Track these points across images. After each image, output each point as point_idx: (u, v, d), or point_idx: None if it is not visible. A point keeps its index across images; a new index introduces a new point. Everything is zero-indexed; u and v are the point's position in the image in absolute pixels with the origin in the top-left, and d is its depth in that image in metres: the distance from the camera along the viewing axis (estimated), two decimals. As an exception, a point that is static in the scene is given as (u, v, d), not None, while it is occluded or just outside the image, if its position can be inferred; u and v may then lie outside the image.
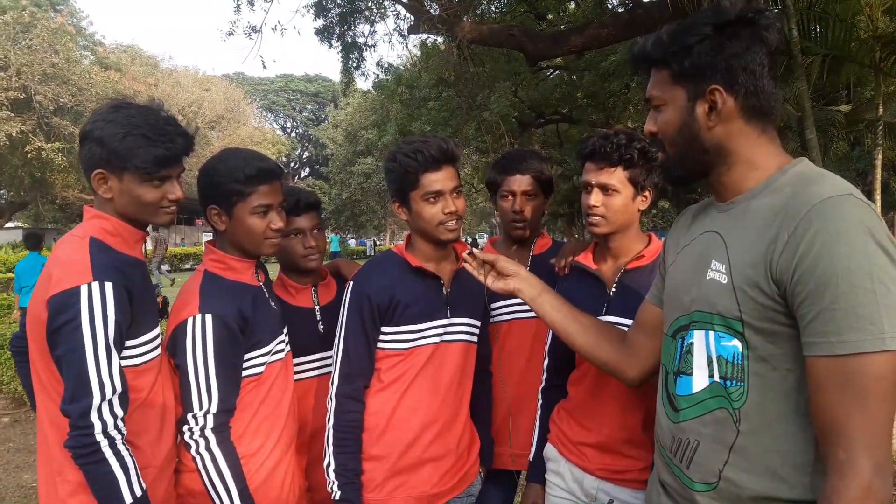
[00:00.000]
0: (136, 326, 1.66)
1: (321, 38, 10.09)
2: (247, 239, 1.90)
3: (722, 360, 1.26)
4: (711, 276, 1.28)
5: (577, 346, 1.70)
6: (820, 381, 1.10)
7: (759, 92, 1.25)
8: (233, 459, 1.78)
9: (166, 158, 1.68)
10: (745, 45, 1.24)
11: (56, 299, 1.54)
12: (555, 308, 1.72)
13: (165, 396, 1.78)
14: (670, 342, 1.41)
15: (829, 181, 1.17)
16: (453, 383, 2.04)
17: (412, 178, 1.94)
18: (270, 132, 47.32)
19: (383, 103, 15.82)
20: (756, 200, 1.25)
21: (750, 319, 1.20)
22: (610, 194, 1.91)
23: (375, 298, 1.95)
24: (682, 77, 1.30)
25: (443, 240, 1.99)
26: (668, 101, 1.34)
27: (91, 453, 1.51)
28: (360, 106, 31.63)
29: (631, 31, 6.82)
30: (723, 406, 1.26)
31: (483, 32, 7.57)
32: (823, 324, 1.08)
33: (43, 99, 22.32)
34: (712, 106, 1.27)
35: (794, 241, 1.12)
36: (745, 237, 1.23)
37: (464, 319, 2.08)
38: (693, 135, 1.31)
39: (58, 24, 23.71)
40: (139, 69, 31.26)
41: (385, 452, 1.96)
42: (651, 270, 1.94)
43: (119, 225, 1.70)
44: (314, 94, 58.97)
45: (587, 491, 1.97)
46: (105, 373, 1.53)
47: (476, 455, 2.17)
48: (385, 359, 1.99)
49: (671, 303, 1.45)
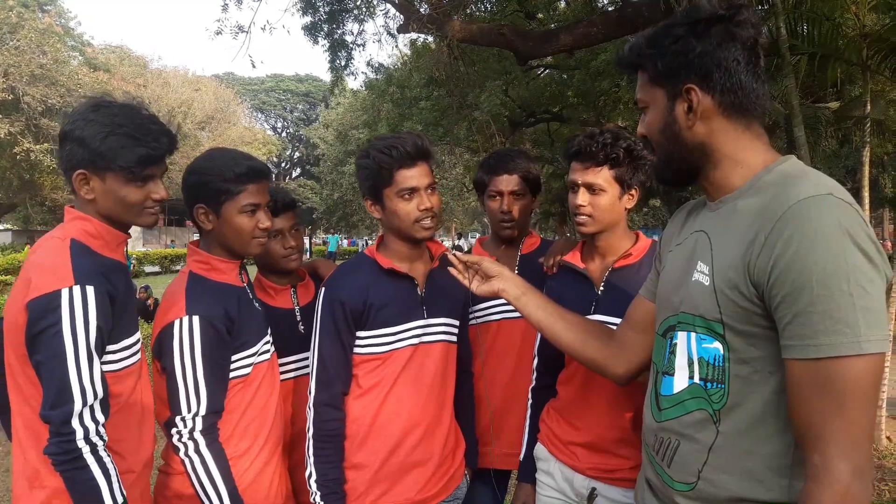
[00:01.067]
0: (117, 331, 1.64)
1: (309, 35, 10.05)
2: (235, 238, 1.89)
3: (703, 362, 1.26)
4: (696, 277, 1.28)
5: (562, 344, 1.70)
6: (797, 385, 1.10)
7: (737, 88, 1.25)
8: (222, 461, 1.77)
9: (151, 158, 1.66)
10: (716, 42, 1.23)
11: (36, 303, 1.51)
12: (539, 307, 1.71)
13: (144, 400, 1.76)
14: (661, 341, 1.42)
15: (810, 180, 1.16)
16: (435, 385, 2.01)
17: (386, 174, 1.91)
18: (261, 132, 47.14)
19: (374, 103, 15.81)
20: (742, 200, 1.25)
21: (730, 321, 1.20)
22: (596, 193, 1.91)
23: (349, 303, 1.92)
24: (659, 78, 1.31)
25: (417, 237, 1.96)
26: (650, 103, 1.36)
27: (72, 460, 1.49)
28: (351, 106, 31.56)
29: (620, 30, 6.84)
30: (702, 407, 1.26)
31: (473, 31, 7.57)
32: (800, 327, 1.08)
33: (31, 100, 22.22)
34: (690, 104, 1.27)
35: (770, 243, 1.11)
36: (727, 238, 1.23)
37: (441, 319, 2.05)
38: (675, 134, 1.31)
39: (46, 25, 23.61)
40: (128, 70, 31.12)
41: (368, 460, 1.93)
42: (638, 269, 1.95)
43: (101, 227, 1.68)
44: (305, 94, 58.77)
45: (577, 490, 1.97)
46: (86, 378, 1.51)
47: (461, 457, 2.15)
48: (363, 364, 1.96)
49: (662, 302, 1.45)
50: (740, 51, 1.24)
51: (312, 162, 46.06)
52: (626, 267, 1.97)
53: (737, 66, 1.24)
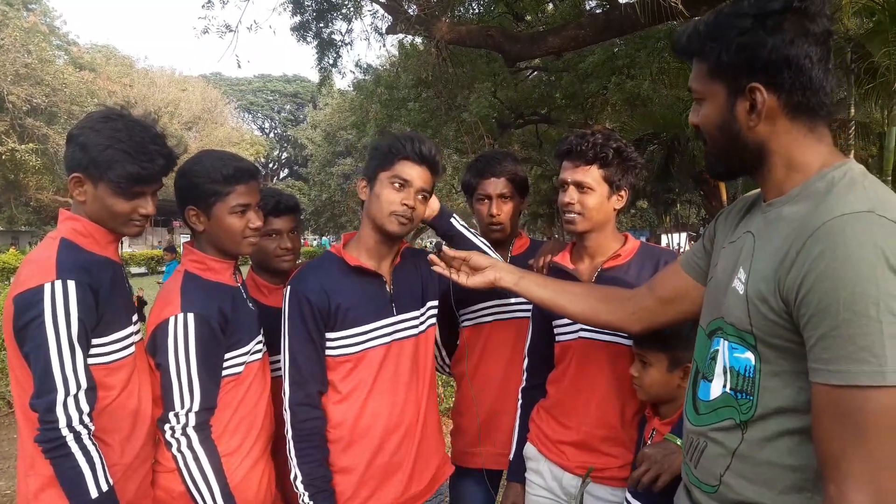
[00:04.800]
0: (104, 325, 1.68)
1: (297, 34, 10.05)
2: (226, 238, 1.91)
3: (733, 372, 1.22)
4: (734, 284, 1.23)
5: (573, 315, 1.68)
6: (818, 410, 1.05)
7: (806, 88, 1.15)
8: (214, 458, 1.78)
9: (140, 177, 1.71)
10: (789, 38, 1.12)
11: (21, 297, 1.59)
12: (540, 286, 1.70)
13: (141, 397, 1.78)
14: (705, 341, 1.35)
15: (854, 194, 1.08)
16: (413, 381, 2.00)
17: (390, 158, 1.92)
18: (248, 133, 46.99)
19: (362, 104, 15.79)
20: (788, 207, 1.18)
21: (760, 333, 1.15)
22: (585, 192, 1.93)
23: (315, 301, 1.90)
24: (720, 72, 1.21)
25: (389, 230, 1.92)
26: (707, 96, 1.26)
27: (57, 447, 1.55)
28: (339, 106, 31.50)
29: (608, 33, 6.88)
30: (732, 417, 1.23)
31: (461, 33, 7.58)
32: (822, 351, 1.02)
33: (16, 99, 21.99)
34: (753, 104, 1.18)
35: (801, 261, 1.05)
36: (767, 247, 1.17)
37: (411, 314, 2.04)
38: (734, 134, 1.22)
39: (30, 24, 23.39)
40: (114, 69, 30.87)
41: (353, 463, 1.92)
42: (627, 270, 1.97)
43: (90, 226, 1.73)
44: (293, 95, 58.58)
45: (566, 489, 1.98)
46: (69, 368, 1.57)
47: (444, 454, 2.16)
48: (337, 367, 1.94)
49: (710, 301, 1.37)
50: (813, 46, 1.13)
51: (300, 163, 45.95)
52: (615, 268, 1.98)
53: (808, 63, 1.13)
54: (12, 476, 4.65)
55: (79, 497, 1.55)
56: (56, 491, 1.57)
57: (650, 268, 1.96)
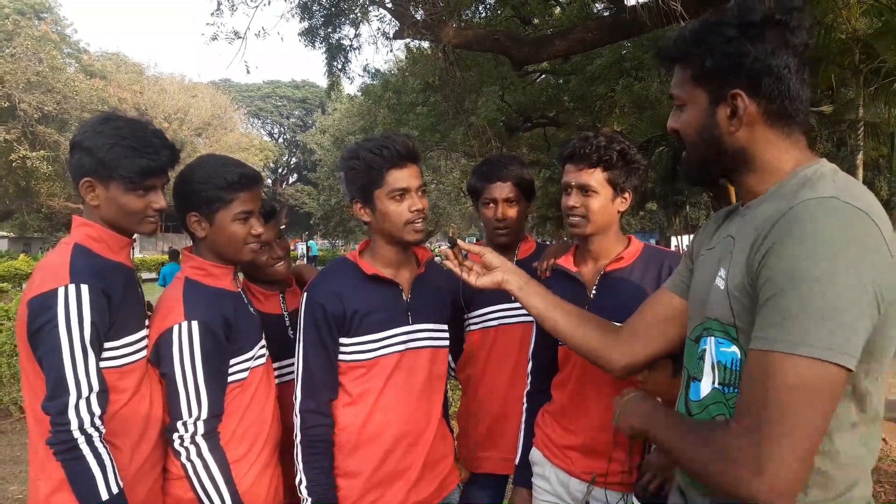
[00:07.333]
0: (117, 329, 1.70)
1: (306, 40, 10.09)
2: (228, 245, 1.91)
3: (721, 366, 1.24)
4: (717, 282, 1.25)
5: (561, 333, 1.68)
6: (743, 373, 1.11)
7: (785, 96, 1.19)
8: (224, 465, 1.79)
9: (151, 169, 1.74)
10: (771, 49, 1.17)
11: (35, 301, 1.61)
12: (540, 297, 1.71)
13: (152, 401, 1.79)
14: (692, 346, 1.38)
15: (823, 184, 1.13)
16: (424, 391, 2.00)
17: (377, 175, 1.89)
18: (258, 138, 47.13)
19: (370, 109, 15.85)
20: (765, 205, 1.21)
21: (742, 325, 1.17)
22: (589, 195, 1.92)
23: (330, 308, 1.90)
24: (703, 78, 1.25)
25: (408, 240, 1.93)
26: (689, 102, 1.30)
27: (69, 449, 1.56)
28: (347, 111, 31.54)
29: (615, 35, 6.87)
30: (721, 412, 1.24)
31: (468, 37, 7.58)
32: (760, 318, 1.07)
33: (27, 107, 22.14)
34: (734, 110, 1.22)
35: (766, 244, 1.09)
36: (743, 243, 1.20)
37: (427, 325, 2.03)
38: (714, 138, 1.26)
39: (42, 32, 23.58)
40: (124, 76, 31.00)
41: (359, 468, 1.92)
42: (630, 272, 1.96)
43: (103, 231, 1.76)
44: (301, 100, 58.75)
45: (573, 494, 1.97)
46: (81, 371, 1.58)
47: (452, 461, 2.14)
48: (349, 372, 1.95)
49: (693, 307, 1.41)
50: (792, 57, 1.18)
51: (309, 167, 46.08)
52: (618, 270, 1.97)
53: (788, 73, 1.18)
54: (24, 481, 4.69)
55: (89, 499, 1.56)
56: (66, 494, 1.59)
57: (654, 270, 1.95)
